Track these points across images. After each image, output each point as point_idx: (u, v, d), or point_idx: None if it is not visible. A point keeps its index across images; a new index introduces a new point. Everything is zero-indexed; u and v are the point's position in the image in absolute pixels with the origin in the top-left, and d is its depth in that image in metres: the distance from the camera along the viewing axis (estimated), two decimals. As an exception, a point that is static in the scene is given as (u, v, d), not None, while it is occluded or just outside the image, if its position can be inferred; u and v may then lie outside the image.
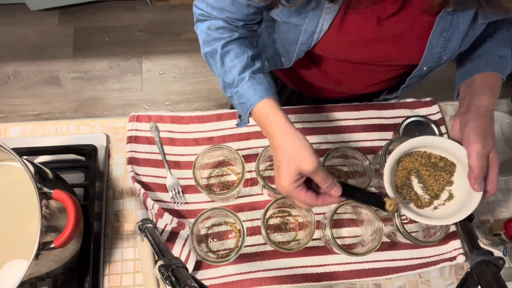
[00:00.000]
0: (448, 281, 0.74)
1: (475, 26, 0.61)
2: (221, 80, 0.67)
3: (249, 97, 0.61)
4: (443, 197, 0.62)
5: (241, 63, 0.63)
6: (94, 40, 1.97)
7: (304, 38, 0.65)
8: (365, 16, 0.60)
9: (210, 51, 0.66)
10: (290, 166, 0.55)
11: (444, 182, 0.62)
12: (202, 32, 0.68)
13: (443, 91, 1.88)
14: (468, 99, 0.63)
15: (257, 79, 0.62)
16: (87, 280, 0.69)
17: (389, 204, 0.58)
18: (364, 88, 0.84)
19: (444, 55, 0.65)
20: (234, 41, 0.65)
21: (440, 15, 0.58)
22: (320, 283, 0.73)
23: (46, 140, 0.80)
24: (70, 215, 0.52)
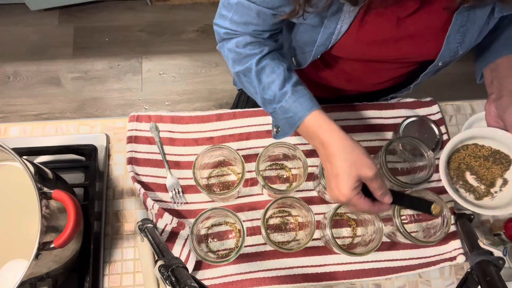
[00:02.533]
0: (448, 281, 0.74)
1: (490, 20, 0.61)
2: (259, 97, 0.66)
3: (296, 111, 0.61)
4: (498, 184, 0.63)
5: (279, 77, 0.63)
6: (94, 40, 1.97)
7: (322, 40, 0.65)
8: (384, 16, 0.61)
9: (243, 69, 0.66)
10: (351, 172, 0.55)
11: (497, 170, 0.63)
12: (230, 51, 0.67)
13: (443, 91, 1.88)
14: (498, 84, 0.63)
15: (299, 92, 0.62)
16: (87, 280, 0.69)
17: (434, 208, 0.58)
18: (374, 85, 0.84)
19: (461, 50, 0.65)
20: (266, 56, 0.65)
21: (458, 11, 0.58)
22: (320, 283, 0.73)
23: (46, 140, 0.80)
24: (70, 215, 0.52)
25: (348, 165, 0.55)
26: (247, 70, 0.65)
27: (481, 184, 0.64)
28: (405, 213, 0.77)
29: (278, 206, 0.75)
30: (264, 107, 0.67)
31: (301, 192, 0.78)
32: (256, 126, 0.82)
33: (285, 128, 0.65)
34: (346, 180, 0.55)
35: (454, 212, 0.76)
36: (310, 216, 0.67)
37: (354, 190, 0.55)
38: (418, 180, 0.71)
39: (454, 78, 1.87)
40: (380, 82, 0.83)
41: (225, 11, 0.65)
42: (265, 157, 0.73)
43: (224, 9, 0.65)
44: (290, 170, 0.79)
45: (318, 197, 0.78)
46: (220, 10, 0.66)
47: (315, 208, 0.76)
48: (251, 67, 0.64)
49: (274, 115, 0.66)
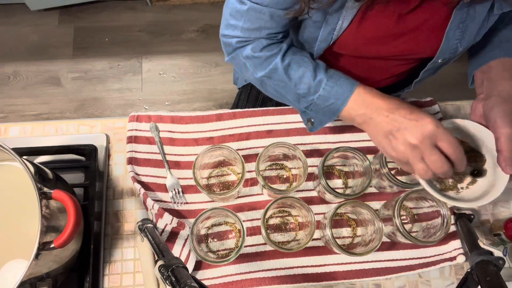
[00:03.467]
0: (448, 281, 0.74)
1: (490, 16, 0.61)
2: (291, 95, 0.65)
3: (338, 96, 0.60)
4: (466, 181, 0.63)
5: (309, 68, 0.62)
6: (94, 40, 1.97)
7: (324, 36, 0.65)
8: (385, 12, 0.61)
9: (267, 72, 0.65)
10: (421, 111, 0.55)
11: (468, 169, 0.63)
12: (247, 58, 0.66)
13: (443, 91, 1.88)
14: (488, 85, 0.64)
15: (334, 76, 0.61)
16: (87, 280, 0.69)
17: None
18: (375, 83, 0.84)
19: (460, 47, 0.65)
20: (287, 53, 0.65)
21: (458, 6, 0.58)
22: (320, 283, 0.73)
23: (46, 140, 0.80)
24: (70, 215, 0.52)
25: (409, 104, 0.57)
26: (272, 72, 0.64)
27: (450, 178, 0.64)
28: (405, 213, 0.77)
29: (278, 206, 0.75)
30: (297, 104, 0.65)
31: (301, 192, 0.78)
32: (256, 126, 0.82)
33: (324, 118, 0.63)
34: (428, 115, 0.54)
35: (454, 212, 0.76)
36: (310, 216, 0.67)
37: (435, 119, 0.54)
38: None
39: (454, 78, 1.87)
40: (381, 80, 0.83)
41: (234, 20, 0.64)
42: (265, 157, 0.73)
43: (232, 18, 0.64)
44: (290, 170, 0.79)
45: (318, 197, 0.78)
46: (227, 21, 0.65)
47: (315, 208, 0.76)
48: (277, 67, 0.63)
49: (311, 107, 0.64)
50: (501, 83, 0.62)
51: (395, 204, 0.67)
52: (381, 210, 0.75)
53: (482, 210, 0.79)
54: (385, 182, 0.72)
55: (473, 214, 0.73)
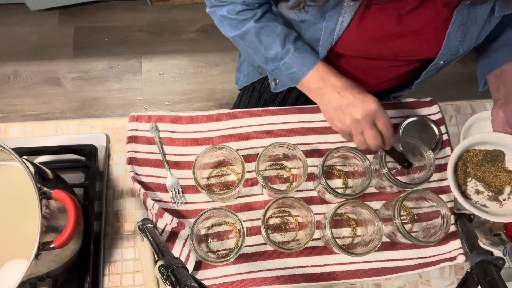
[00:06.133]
0: (448, 281, 0.74)
1: (491, 19, 0.62)
2: (261, 57, 0.69)
3: (300, 66, 0.66)
4: (506, 191, 0.63)
5: (280, 36, 0.66)
6: (94, 40, 1.97)
7: (325, 36, 0.66)
8: (385, 12, 0.61)
9: (239, 33, 0.69)
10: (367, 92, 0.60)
11: (504, 178, 0.63)
12: (223, 17, 0.69)
13: (443, 91, 1.88)
14: (505, 90, 0.64)
15: (301, 48, 0.66)
16: (87, 280, 0.69)
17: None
18: (377, 84, 0.84)
19: (461, 48, 0.65)
20: (262, 18, 0.68)
21: (459, 8, 0.59)
22: (320, 283, 0.73)
23: (46, 140, 0.79)
24: (70, 215, 0.52)
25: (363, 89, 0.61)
26: (244, 34, 0.68)
27: (489, 191, 0.64)
28: (405, 213, 0.77)
29: (278, 206, 0.75)
30: (265, 66, 0.70)
31: (301, 192, 0.78)
32: (256, 126, 0.82)
33: (287, 82, 0.69)
34: (373, 97, 0.60)
35: (454, 212, 0.76)
36: (310, 216, 0.67)
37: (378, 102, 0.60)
38: (418, 180, 0.71)
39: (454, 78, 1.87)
40: (383, 81, 0.83)
41: None
42: (265, 157, 0.73)
43: None
44: (290, 170, 0.79)
45: (318, 197, 0.78)
46: None
47: (315, 208, 0.76)
48: (249, 31, 0.67)
49: (276, 71, 0.70)
50: None
51: (395, 204, 0.67)
52: (381, 210, 0.75)
53: (482, 210, 0.79)
54: (385, 182, 0.72)
55: (473, 214, 0.73)
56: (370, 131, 0.62)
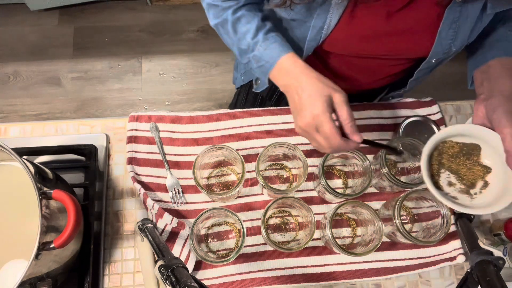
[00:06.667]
0: (448, 281, 0.74)
1: (483, 17, 0.61)
2: (236, 48, 0.68)
3: (267, 59, 0.62)
4: (478, 185, 0.62)
5: (253, 26, 0.64)
6: (94, 40, 1.97)
7: (313, 34, 0.65)
8: (374, 10, 0.61)
9: (220, 21, 0.67)
10: (324, 91, 0.55)
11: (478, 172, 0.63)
12: (208, 5, 0.68)
13: (443, 91, 1.88)
14: (488, 85, 0.63)
15: (270, 39, 0.63)
16: (87, 280, 0.69)
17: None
18: (370, 83, 0.84)
19: (453, 47, 0.65)
20: (242, 7, 0.66)
21: (450, 6, 0.58)
22: (320, 283, 0.73)
23: (46, 140, 0.79)
24: (70, 215, 0.52)
25: (320, 86, 0.55)
26: (224, 22, 0.66)
27: (461, 184, 0.63)
28: (405, 213, 0.77)
29: (278, 206, 0.75)
30: (240, 59, 0.68)
31: (301, 192, 0.78)
32: (256, 126, 0.82)
33: (261, 77, 0.66)
34: (319, 99, 0.54)
35: (454, 212, 0.76)
36: (310, 216, 0.67)
37: (327, 110, 0.54)
38: (418, 180, 0.71)
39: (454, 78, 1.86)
40: (377, 80, 0.82)
41: None
42: (265, 157, 0.73)
43: None
44: (290, 170, 0.79)
45: (318, 197, 0.78)
46: None
47: (315, 208, 0.76)
48: (227, 18, 0.65)
49: (249, 65, 0.67)
50: (501, 82, 0.61)
51: (395, 204, 0.67)
52: (381, 210, 0.75)
53: (482, 210, 0.79)
54: (385, 182, 0.72)
55: (473, 214, 0.73)
56: (317, 139, 0.57)
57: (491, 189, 0.62)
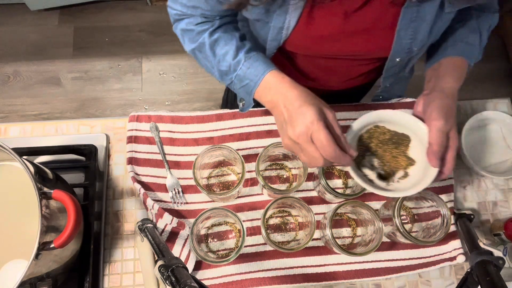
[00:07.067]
0: (448, 281, 0.74)
1: (443, 15, 0.61)
2: (216, 71, 0.67)
3: (251, 77, 0.61)
4: (398, 175, 0.62)
5: (232, 47, 0.63)
6: (94, 40, 1.97)
7: (273, 35, 0.65)
8: (332, 11, 0.60)
9: (197, 46, 0.66)
10: (315, 102, 0.53)
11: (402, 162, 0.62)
12: (183, 30, 0.68)
13: (443, 91, 1.88)
14: (434, 82, 0.63)
15: (253, 58, 0.62)
16: (87, 280, 0.69)
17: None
18: (342, 83, 0.84)
19: (414, 46, 0.65)
20: (218, 29, 0.65)
21: (406, 5, 0.58)
22: (320, 283, 0.73)
23: (46, 140, 0.80)
24: (70, 215, 0.52)
25: (312, 96, 0.54)
26: (201, 46, 0.66)
27: (382, 169, 0.62)
28: (405, 213, 0.77)
29: (278, 206, 0.75)
30: (221, 80, 0.67)
31: (301, 192, 0.78)
32: (256, 126, 0.82)
33: (246, 98, 0.65)
34: (312, 107, 0.52)
35: (454, 212, 0.76)
36: (310, 216, 0.67)
37: (321, 118, 0.52)
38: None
39: (454, 78, 1.87)
40: (347, 80, 0.82)
41: None
42: (265, 157, 0.73)
43: None
44: (290, 170, 0.79)
45: (318, 197, 0.78)
46: None
47: (315, 208, 0.76)
48: (204, 41, 0.65)
49: (232, 86, 0.66)
50: (445, 79, 0.62)
51: (395, 204, 0.67)
52: (381, 210, 0.75)
53: (482, 210, 0.79)
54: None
55: (473, 214, 0.73)
56: (309, 151, 0.54)
57: (409, 180, 0.61)
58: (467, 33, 0.68)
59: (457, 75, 0.63)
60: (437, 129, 0.56)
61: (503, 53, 1.98)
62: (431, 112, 0.58)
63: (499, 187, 0.81)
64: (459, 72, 0.64)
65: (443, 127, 0.56)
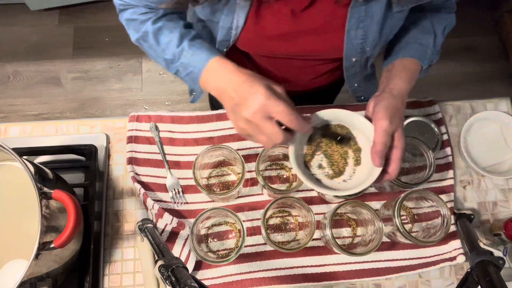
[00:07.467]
0: (448, 281, 0.74)
1: (392, 15, 0.61)
2: (161, 60, 0.66)
3: (195, 64, 0.60)
4: (345, 175, 0.62)
5: (176, 35, 0.62)
6: (94, 40, 1.97)
7: (222, 35, 0.65)
8: (279, 10, 0.60)
9: (141, 35, 0.66)
10: (264, 80, 0.53)
11: (350, 161, 0.62)
12: (127, 20, 0.67)
13: (443, 91, 1.88)
14: (385, 83, 0.63)
15: (197, 45, 0.61)
16: (87, 280, 0.69)
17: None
18: (307, 82, 0.84)
19: (367, 46, 0.65)
20: (162, 17, 0.65)
21: (352, 5, 0.58)
22: (320, 283, 0.73)
23: (46, 140, 0.80)
24: (70, 215, 0.52)
25: (258, 77, 0.53)
26: (145, 35, 0.65)
27: (330, 169, 0.62)
28: (405, 213, 0.77)
29: (278, 206, 0.75)
30: (168, 69, 0.66)
31: (301, 192, 0.78)
32: (256, 126, 0.81)
33: (194, 87, 0.64)
34: (262, 86, 0.51)
35: (454, 212, 0.76)
36: (310, 216, 0.67)
37: (271, 92, 0.51)
38: (418, 180, 0.71)
39: (454, 78, 1.87)
40: (309, 80, 0.82)
41: None
42: (265, 157, 0.73)
43: None
44: (290, 170, 0.79)
45: (318, 197, 0.78)
46: None
47: (315, 208, 0.76)
48: (148, 30, 0.64)
49: (178, 74, 0.65)
50: (395, 81, 0.62)
51: (395, 204, 0.67)
52: (381, 210, 0.75)
53: (482, 210, 0.79)
54: (385, 182, 0.72)
55: (473, 214, 0.73)
56: (266, 129, 0.52)
57: (356, 180, 0.61)
58: (420, 34, 0.68)
59: (406, 76, 0.63)
60: (381, 129, 0.56)
61: (503, 53, 1.98)
62: (377, 112, 0.57)
63: (499, 187, 0.81)
64: (409, 73, 0.64)
65: (387, 127, 0.55)
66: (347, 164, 0.62)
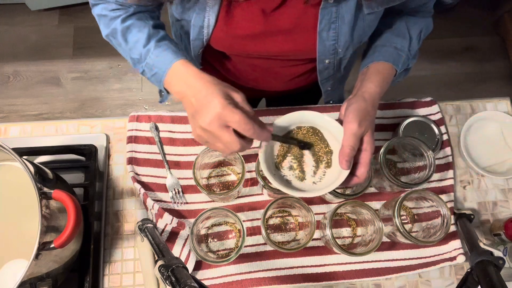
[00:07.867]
0: (448, 281, 0.74)
1: (363, 16, 0.61)
2: (129, 58, 0.66)
3: (160, 66, 0.60)
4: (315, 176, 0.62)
5: (144, 35, 0.62)
6: (94, 40, 1.97)
7: (195, 34, 0.65)
8: (249, 9, 0.60)
9: (110, 32, 0.66)
10: (221, 89, 0.52)
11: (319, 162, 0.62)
12: (98, 15, 0.67)
13: (443, 91, 1.88)
14: (358, 86, 0.63)
15: (163, 47, 0.61)
16: (87, 280, 0.69)
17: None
18: (287, 83, 0.83)
19: (339, 48, 0.65)
20: (132, 16, 0.64)
21: (323, 6, 0.58)
22: (320, 283, 0.73)
23: (46, 140, 0.80)
24: (70, 215, 0.52)
25: (217, 85, 0.53)
26: (114, 32, 0.65)
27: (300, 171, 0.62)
28: (405, 213, 0.77)
29: (278, 206, 0.75)
30: (135, 68, 0.66)
31: (301, 192, 0.78)
32: (256, 126, 0.81)
33: (159, 86, 0.64)
34: (219, 95, 0.51)
35: (454, 212, 0.76)
36: (310, 216, 0.67)
37: (228, 102, 0.50)
38: (418, 180, 0.71)
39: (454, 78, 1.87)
40: (286, 81, 0.82)
41: None
42: (265, 157, 0.73)
43: None
44: (290, 170, 0.79)
45: (318, 197, 0.78)
46: None
47: (315, 208, 0.76)
48: (116, 27, 0.64)
49: (144, 74, 0.65)
50: (367, 84, 0.62)
51: (395, 204, 0.67)
52: (381, 210, 0.75)
53: (482, 210, 0.79)
54: (385, 182, 0.72)
55: (473, 214, 0.74)
56: (223, 138, 0.52)
57: (325, 182, 0.61)
58: (396, 37, 0.68)
59: (379, 80, 0.63)
60: (350, 132, 0.56)
61: (503, 53, 1.98)
62: (347, 116, 0.57)
63: (499, 187, 0.81)
64: (382, 77, 0.64)
65: (356, 130, 0.55)
66: (318, 167, 0.62)
